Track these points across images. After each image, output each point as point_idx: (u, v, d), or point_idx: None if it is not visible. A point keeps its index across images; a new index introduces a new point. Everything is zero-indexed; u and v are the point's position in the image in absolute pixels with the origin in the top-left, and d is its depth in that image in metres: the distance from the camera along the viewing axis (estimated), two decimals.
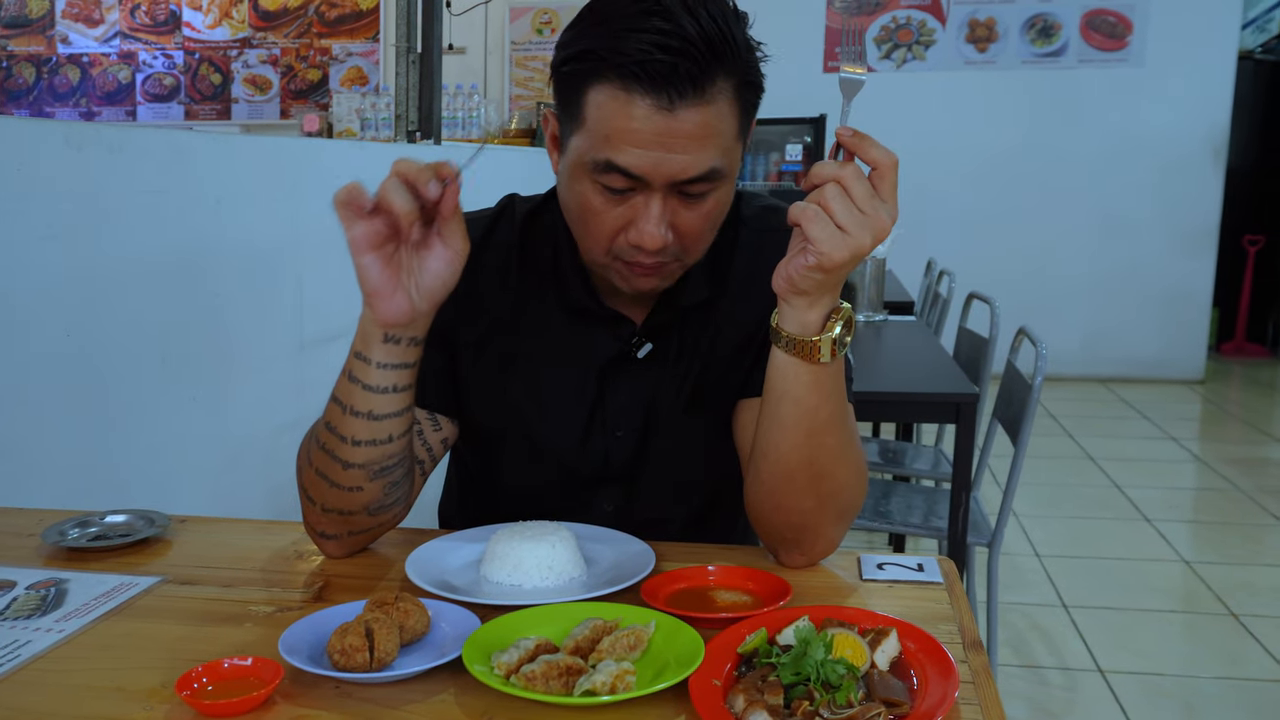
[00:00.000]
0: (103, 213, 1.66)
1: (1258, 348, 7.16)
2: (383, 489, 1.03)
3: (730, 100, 0.97)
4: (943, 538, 2.17)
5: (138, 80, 7.40)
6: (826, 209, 0.89)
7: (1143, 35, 6.21)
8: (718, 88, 0.95)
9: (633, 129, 0.94)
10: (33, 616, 0.92)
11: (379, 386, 0.97)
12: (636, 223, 0.99)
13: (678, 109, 0.93)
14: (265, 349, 2.09)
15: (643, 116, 0.94)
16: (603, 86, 0.95)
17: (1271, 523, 3.80)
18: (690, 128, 0.94)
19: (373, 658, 0.80)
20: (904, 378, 2.16)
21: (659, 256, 1.01)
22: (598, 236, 1.02)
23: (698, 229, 1.02)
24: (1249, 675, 2.61)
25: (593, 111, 0.96)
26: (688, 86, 0.93)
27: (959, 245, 5.92)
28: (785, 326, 0.95)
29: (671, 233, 1.00)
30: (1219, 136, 6.20)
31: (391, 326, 0.95)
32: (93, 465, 1.63)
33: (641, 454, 1.17)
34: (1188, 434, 5.16)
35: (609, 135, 0.95)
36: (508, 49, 6.92)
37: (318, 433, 1.02)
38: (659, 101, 0.93)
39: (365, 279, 0.93)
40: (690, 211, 1.00)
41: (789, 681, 0.75)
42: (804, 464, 0.99)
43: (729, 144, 0.99)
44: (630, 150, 0.95)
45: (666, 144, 0.94)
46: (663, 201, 0.98)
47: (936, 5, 6.41)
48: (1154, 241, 6.30)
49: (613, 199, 0.99)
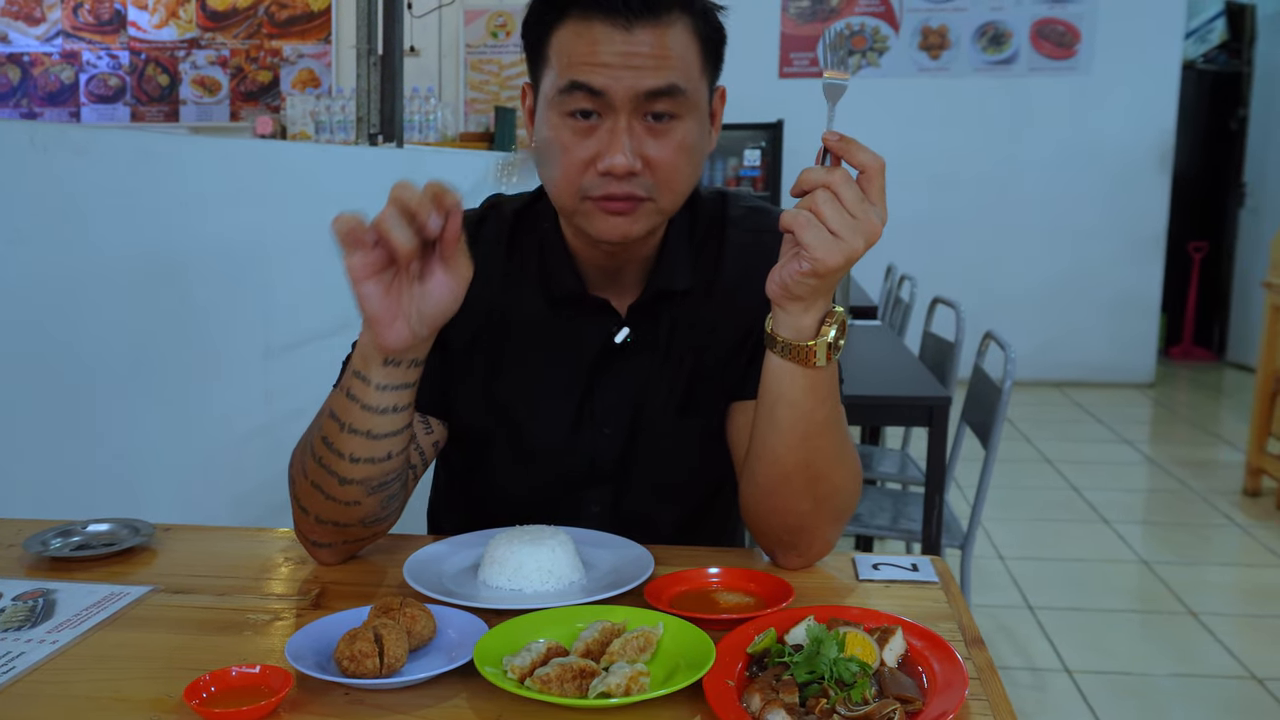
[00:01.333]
0: (69, 216, 1.63)
1: (1204, 352, 7.35)
2: (380, 503, 1.02)
3: (688, 31, 1.01)
4: (912, 540, 2.20)
5: (81, 81, 7.24)
6: (818, 214, 0.90)
7: (1090, 44, 6.35)
8: (674, 15, 1.00)
9: (594, 51, 0.99)
10: (23, 628, 0.90)
11: (378, 407, 0.96)
12: (605, 151, 1.01)
13: (634, 28, 0.98)
14: (232, 355, 2.06)
15: (602, 38, 0.99)
16: (566, 25, 1.01)
17: (1224, 523, 3.91)
18: (647, 47, 0.99)
19: (382, 663, 0.79)
20: (876, 381, 2.18)
21: (629, 186, 1.02)
22: (569, 173, 1.03)
23: (667, 160, 1.03)
24: (1211, 672, 2.68)
25: (557, 49, 1.02)
26: (642, 8, 0.98)
27: (912, 250, 5.99)
28: (780, 331, 0.96)
29: (640, 162, 1.01)
30: (1165, 144, 6.36)
31: (391, 352, 0.94)
32: (60, 473, 1.59)
33: (630, 453, 1.17)
34: (1140, 436, 5.29)
35: (571, 61, 1.00)
36: (463, 52, 6.89)
37: (313, 446, 1.01)
38: (615, 22, 0.98)
39: (365, 307, 0.92)
40: (657, 141, 1.02)
41: (803, 680, 0.76)
42: (800, 466, 0.99)
43: (690, 71, 1.02)
44: (591, 68, 0.99)
45: (626, 59, 0.99)
46: (628, 125, 1.00)
47: (890, 12, 6.50)
48: (1104, 248, 6.44)
49: (581, 129, 1.01)
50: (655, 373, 1.16)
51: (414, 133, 5.33)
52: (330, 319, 2.33)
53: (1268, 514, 3.97)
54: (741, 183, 6.12)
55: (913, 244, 6.14)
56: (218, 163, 2.03)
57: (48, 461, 1.57)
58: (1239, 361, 6.97)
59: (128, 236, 1.75)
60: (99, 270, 1.68)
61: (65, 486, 1.58)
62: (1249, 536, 3.74)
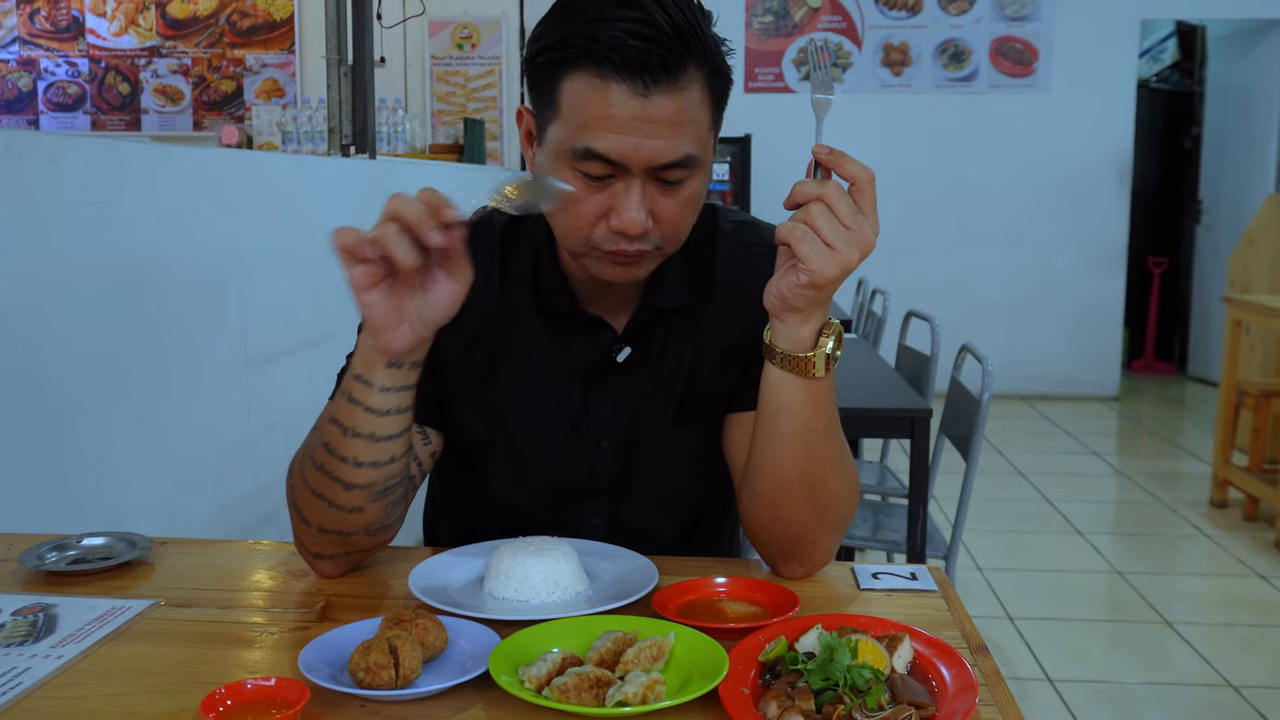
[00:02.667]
0: (43, 225, 1.61)
1: (1166, 365, 7.51)
2: (383, 509, 1.02)
3: (702, 88, 1.00)
4: (894, 550, 2.22)
5: (39, 88, 7.13)
6: (813, 227, 0.91)
7: (1048, 62, 6.48)
8: (690, 75, 0.98)
9: (610, 115, 0.96)
10: (25, 643, 0.89)
11: (381, 409, 0.97)
12: (617, 209, 1.00)
13: (652, 94, 0.96)
14: (211, 367, 2.04)
15: (619, 103, 0.96)
16: (578, 75, 0.97)
17: (1192, 533, 4.00)
18: (665, 113, 0.97)
19: (398, 675, 0.80)
20: (857, 393, 2.21)
21: (639, 244, 1.03)
22: (578, 225, 1.03)
23: (677, 216, 1.04)
24: (1188, 680, 2.74)
25: (569, 100, 0.98)
26: (661, 73, 0.96)
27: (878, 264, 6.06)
28: (779, 343, 0.97)
29: (651, 219, 1.02)
30: (1124, 161, 6.49)
31: (395, 355, 0.95)
32: (41, 486, 1.57)
33: (627, 465, 1.18)
34: (1108, 449, 5.41)
35: (586, 122, 0.97)
36: (428, 63, 6.87)
37: (313, 454, 1.01)
38: (634, 87, 0.96)
39: (370, 316, 0.92)
40: (668, 199, 1.02)
41: (818, 687, 0.77)
42: (801, 476, 1.01)
43: (703, 132, 1.02)
44: (608, 136, 0.97)
45: (643, 129, 0.97)
46: (642, 188, 1.00)
47: (852, 29, 6.59)
48: (1067, 263, 6.56)
49: (592, 186, 1.01)
50: (650, 386, 1.17)
51: (383, 144, 5.30)
52: (308, 330, 2.32)
53: (1235, 525, 4.06)
54: (710, 196, 6.15)
55: (876, 258, 6.18)
56: (193, 172, 2.01)
57: (27, 475, 1.54)
58: (1199, 375, 7.12)
59: (102, 246, 1.73)
60: (73, 279, 1.65)
61: (46, 500, 1.56)
62: (1218, 547, 3.83)
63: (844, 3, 6.59)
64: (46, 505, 1.56)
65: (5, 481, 1.49)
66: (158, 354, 1.86)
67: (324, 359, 2.45)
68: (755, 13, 6.60)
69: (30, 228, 1.58)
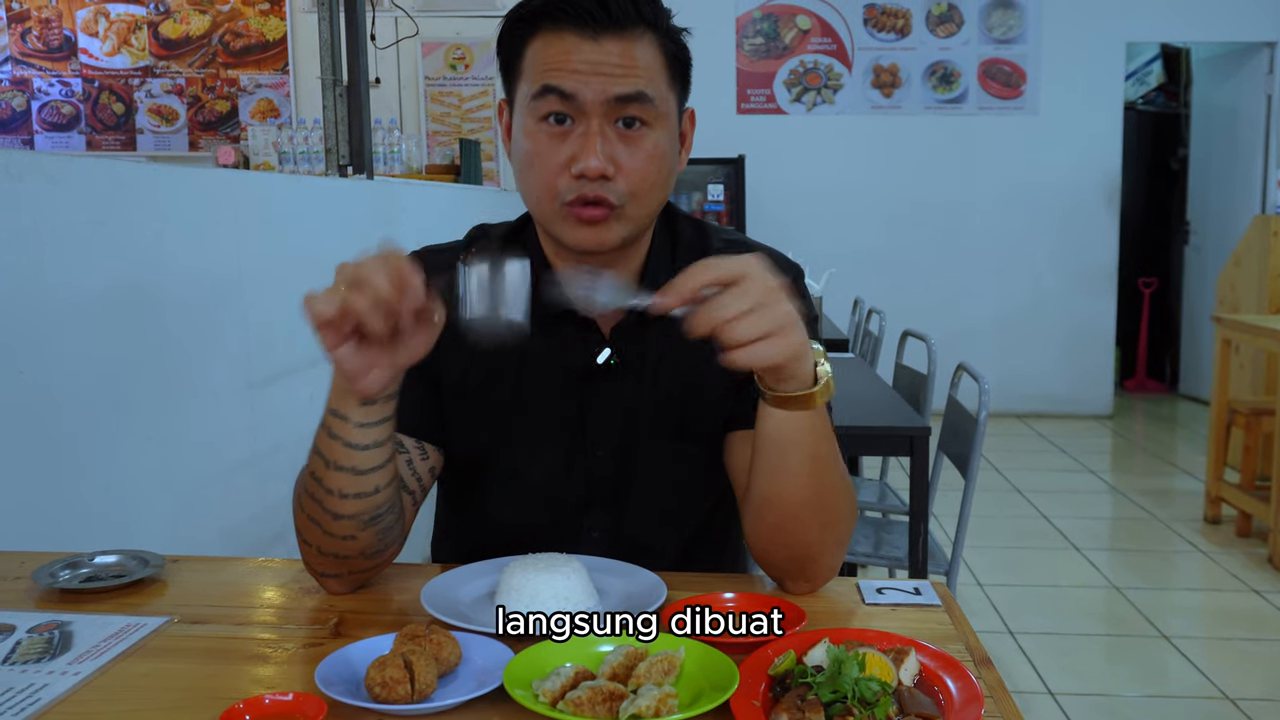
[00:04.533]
0: (42, 246, 1.62)
1: (1157, 384, 7.56)
2: (376, 535, 1.03)
3: (653, 46, 1.07)
4: (895, 566, 2.24)
5: (34, 108, 7.14)
6: (745, 341, 0.89)
7: (1036, 84, 6.54)
8: (639, 30, 1.06)
9: (565, 57, 1.05)
10: (42, 660, 0.90)
11: (360, 444, 0.98)
12: (579, 155, 1.05)
13: (601, 39, 1.04)
14: (214, 387, 2.05)
15: (572, 47, 1.05)
16: (538, 37, 1.07)
17: (1188, 549, 4.04)
18: (615, 56, 1.05)
19: (414, 689, 0.81)
20: (856, 412, 2.23)
21: (601, 190, 1.05)
22: (545, 178, 1.07)
23: (638, 167, 1.07)
24: (1186, 693, 2.77)
25: (531, 60, 1.07)
26: (607, 19, 1.04)
27: (870, 284, 6.10)
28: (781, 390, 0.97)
29: (612, 167, 1.05)
30: (1112, 183, 6.56)
31: (368, 397, 0.96)
32: (48, 506, 1.57)
33: (626, 478, 1.19)
34: (1102, 466, 5.45)
35: (544, 68, 1.06)
36: (422, 84, 6.91)
37: (307, 483, 1.02)
38: (584, 33, 1.04)
39: (342, 368, 0.94)
40: (628, 148, 1.06)
41: (827, 700, 0.79)
42: (808, 502, 1.02)
43: (657, 82, 1.07)
44: (562, 74, 1.04)
45: (595, 66, 1.04)
46: (600, 130, 1.05)
47: (842, 50, 6.64)
48: (1058, 283, 6.61)
49: (555, 133, 1.06)
50: (642, 397, 1.18)
51: (379, 165, 5.32)
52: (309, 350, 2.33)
53: (1229, 541, 4.10)
54: (706, 217, 6.20)
55: (870, 278, 6.25)
56: (192, 193, 2.03)
57: (35, 494, 1.55)
58: (1191, 394, 7.17)
59: (102, 266, 1.74)
60: (75, 300, 1.67)
61: (56, 520, 1.57)
62: (1213, 562, 3.86)
63: (834, 25, 6.65)
64: (56, 525, 1.57)
65: (14, 500, 1.49)
66: (160, 374, 1.87)
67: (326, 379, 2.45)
68: (746, 35, 6.66)
69: (30, 248, 1.59)
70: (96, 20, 7.12)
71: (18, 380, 1.53)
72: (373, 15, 4.12)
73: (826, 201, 6.59)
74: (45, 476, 1.57)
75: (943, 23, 6.57)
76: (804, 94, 6.66)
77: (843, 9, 6.63)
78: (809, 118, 6.66)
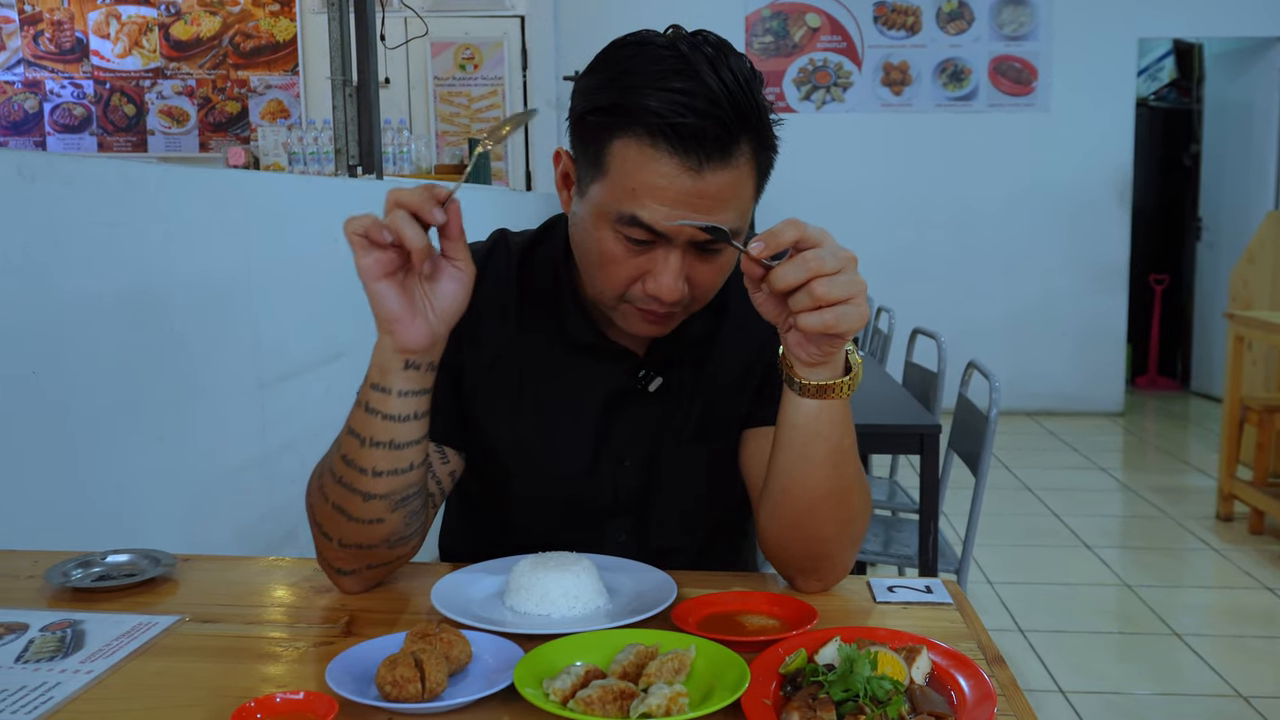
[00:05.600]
0: (57, 246, 1.63)
1: (1169, 382, 7.53)
2: (403, 519, 1.03)
3: (750, 162, 0.99)
4: (905, 565, 2.24)
5: (45, 110, 7.18)
6: (825, 299, 0.89)
7: (1047, 81, 6.52)
8: (741, 150, 0.97)
9: (659, 186, 0.96)
10: (55, 658, 0.90)
11: (400, 415, 0.98)
12: (655, 274, 1.01)
13: (704, 171, 0.96)
14: (224, 387, 2.05)
15: (670, 175, 0.96)
16: (629, 140, 0.97)
17: (1200, 546, 4.02)
18: (715, 190, 0.97)
19: (424, 688, 0.81)
20: (866, 410, 2.22)
21: (673, 307, 1.04)
22: (614, 282, 1.04)
23: (711, 282, 1.05)
24: (1199, 691, 2.76)
25: (617, 164, 0.98)
26: (714, 150, 0.95)
27: (881, 281, 6.09)
28: (813, 379, 0.96)
29: (687, 288, 1.03)
30: (1124, 179, 6.53)
31: (412, 353, 0.96)
32: (60, 506, 1.58)
33: (650, 484, 1.19)
34: (1114, 464, 5.43)
35: (634, 189, 0.97)
36: (431, 84, 6.91)
37: (332, 468, 1.02)
38: (687, 162, 0.95)
39: (382, 306, 0.94)
40: (705, 265, 1.03)
41: (839, 698, 0.78)
42: (828, 495, 1.01)
43: (748, 205, 1.02)
44: (655, 207, 0.97)
45: (692, 204, 0.97)
46: (682, 257, 1.01)
47: (852, 48, 6.63)
48: (1069, 280, 6.59)
49: (632, 249, 1.01)
50: (673, 407, 1.18)
51: (389, 165, 5.34)
52: (319, 350, 2.34)
53: (1241, 538, 4.08)
54: None
55: (880, 275, 6.23)
56: (203, 193, 2.03)
57: (47, 494, 1.56)
58: (1203, 391, 7.14)
59: (114, 267, 1.75)
60: (88, 300, 1.67)
61: (68, 520, 1.57)
62: (1225, 560, 3.85)
63: (843, 22, 6.64)
64: (68, 524, 1.57)
65: (26, 500, 1.50)
66: (172, 374, 1.88)
67: (335, 378, 2.47)
68: (755, 33, 6.65)
69: (43, 249, 1.60)
70: (108, 22, 7.15)
71: (30, 380, 1.53)
72: (382, 16, 4.12)
73: (836, 200, 6.57)
74: (57, 476, 1.58)
75: (953, 20, 6.55)
76: (813, 92, 6.64)
77: (853, 7, 6.61)
78: (819, 116, 6.65)
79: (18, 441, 1.50)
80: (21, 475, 1.51)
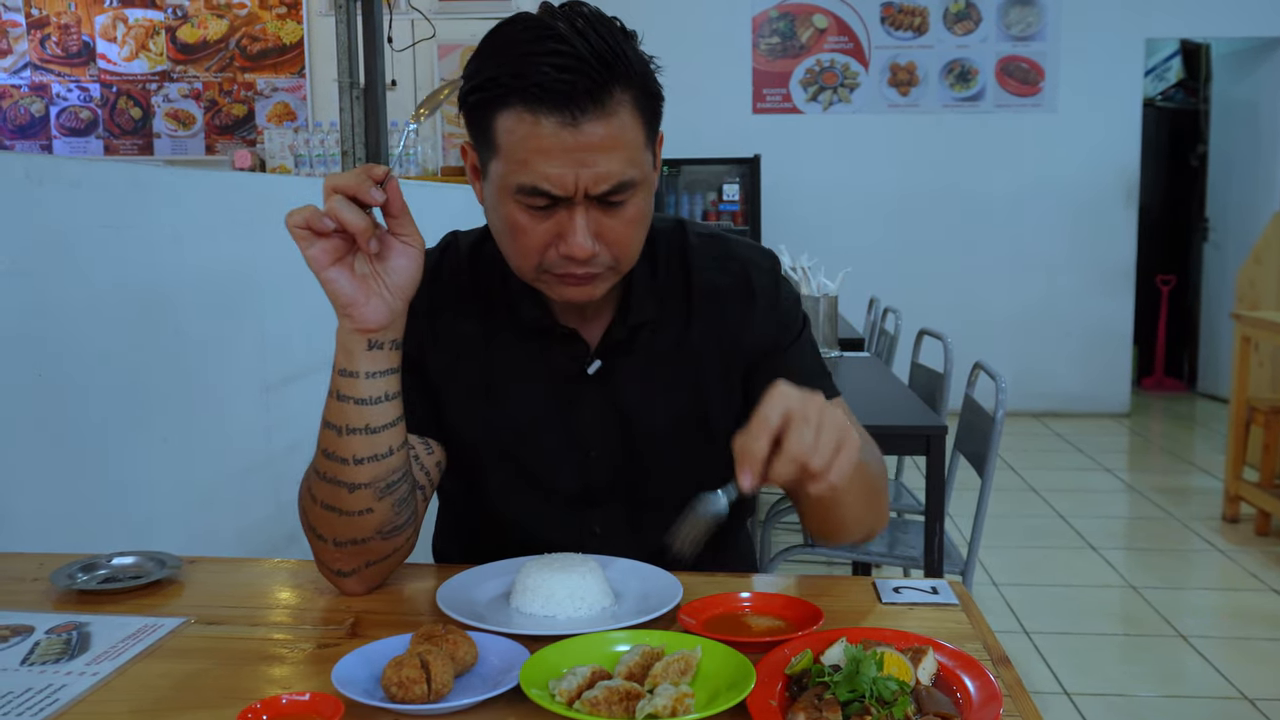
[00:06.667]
0: (63, 249, 1.63)
1: (1175, 382, 7.50)
2: (392, 507, 1.04)
3: (631, 110, 1.02)
4: (910, 566, 2.23)
5: (52, 113, 7.20)
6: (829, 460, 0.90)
7: (1054, 82, 6.51)
8: (617, 100, 1.00)
9: (544, 148, 0.99)
10: (60, 660, 0.90)
11: (371, 398, 1.01)
12: (564, 236, 1.03)
13: (581, 123, 0.99)
14: (230, 389, 2.05)
15: (551, 134, 0.99)
16: (509, 112, 1.00)
17: (1206, 548, 4.01)
18: (596, 140, 0.99)
19: (430, 689, 0.81)
20: (872, 411, 2.22)
21: (589, 266, 1.05)
22: (528, 253, 1.06)
23: (624, 236, 1.06)
24: (1204, 693, 2.75)
25: (504, 137, 1.01)
26: (587, 101, 0.98)
27: (888, 282, 6.08)
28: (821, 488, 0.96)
29: (599, 242, 1.04)
30: (1130, 179, 6.51)
31: (373, 331, 0.99)
32: (65, 507, 1.58)
33: (634, 476, 1.19)
34: (1119, 465, 5.42)
35: (524, 158, 1.00)
36: (438, 86, 6.92)
37: (317, 466, 1.04)
38: (563, 119, 0.98)
39: (336, 292, 0.98)
40: (613, 219, 1.05)
41: (845, 699, 0.78)
42: (860, 519, 1.14)
43: (637, 152, 1.04)
44: (545, 169, 1.00)
45: (577, 158, 0.99)
46: (585, 213, 1.03)
47: (859, 49, 6.62)
48: (1075, 281, 6.57)
49: (538, 215, 1.03)
50: (640, 399, 1.18)
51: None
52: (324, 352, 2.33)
53: (1247, 540, 4.07)
54: (721, 216, 6.19)
55: (886, 276, 6.23)
56: (209, 196, 2.03)
57: (53, 496, 1.56)
58: (1209, 392, 7.11)
59: (121, 269, 1.75)
60: (94, 302, 1.68)
61: (73, 522, 1.58)
62: (1231, 561, 3.84)
63: (850, 23, 6.63)
64: (73, 527, 1.57)
65: (32, 502, 1.50)
66: (177, 376, 1.88)
67: None
68: (762, 34, 6.64)
69: (49, 251, 1.60)
70: (115, 26, 7.17)
71: (36, 382, 1.54)
72: (389, 18, 4.13)
73: (843, 201, 6.57)
74: (63, 478, 1.58)
75: (960, 20, 6.54)
76: (820, 93, 6.64)
77: (860, 8, 6.61)
78: (825, 117, 6.65)
79: (23, 443, 1.51)
80: (27, 477, 1.51)
